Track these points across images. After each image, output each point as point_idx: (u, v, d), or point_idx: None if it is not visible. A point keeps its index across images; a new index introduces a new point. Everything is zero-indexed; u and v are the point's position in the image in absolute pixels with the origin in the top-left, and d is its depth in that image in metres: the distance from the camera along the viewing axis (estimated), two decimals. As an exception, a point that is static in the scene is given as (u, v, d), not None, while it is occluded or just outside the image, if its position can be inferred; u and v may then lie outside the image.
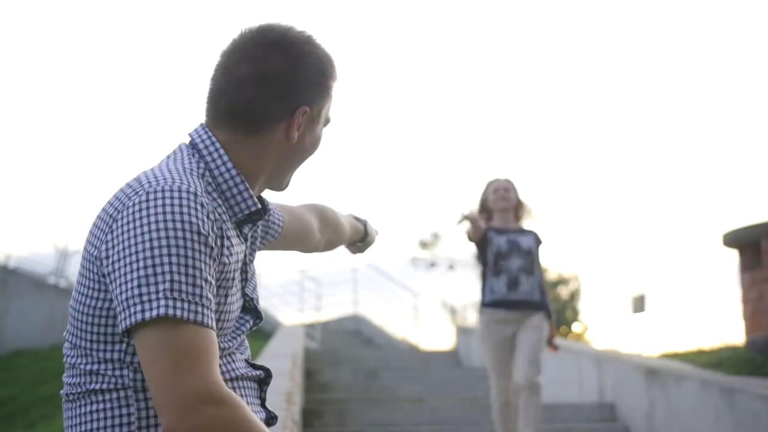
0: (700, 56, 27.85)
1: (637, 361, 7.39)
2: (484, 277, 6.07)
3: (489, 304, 5.99)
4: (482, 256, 6.08)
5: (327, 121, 1.86)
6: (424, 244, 20.25)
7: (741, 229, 6.88)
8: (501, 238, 6.02)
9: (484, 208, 6.25)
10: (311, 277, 18.31)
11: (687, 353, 8.20)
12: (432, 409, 7.24)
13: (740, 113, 27.99)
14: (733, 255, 7.16)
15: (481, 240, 6.01)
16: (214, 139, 1.76)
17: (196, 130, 1.79)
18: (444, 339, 28.80)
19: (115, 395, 1.63)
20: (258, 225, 1.91)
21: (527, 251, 6.04)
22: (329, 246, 2.38)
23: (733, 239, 6.98)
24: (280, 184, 1.87)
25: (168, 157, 1.77)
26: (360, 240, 2.48)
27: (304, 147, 1.82)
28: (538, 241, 6.21)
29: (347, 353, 11.87)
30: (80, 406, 1.66)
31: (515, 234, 6.11)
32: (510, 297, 5.94)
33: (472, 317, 20.05)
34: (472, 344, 12.00)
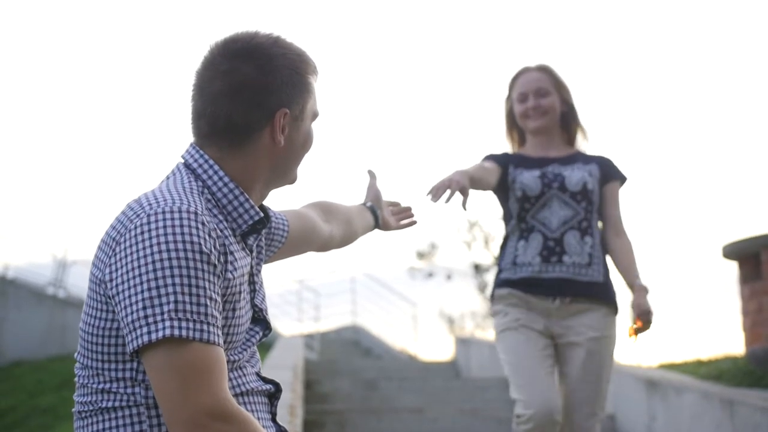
0: (697, 63, 27.94)
1: (637, 373, 7.39)
2: (504, 241, 3.71)
3: (507, 283, 3.61)
4: (504, 208, 3.73)
5: (315, 115, 1.87)
6: (421, 255, 20.24)
7: (740, 241, 6.89)
8: (530, 174, 3.61)
9: (512, 123, 3.82)
10: (309, 287, 18.33)
11: (686, 364, 8.21)
12: (432, 420, 7.24)
13: (740, 125, 28.07)
14: (733, 267, 7.18)
15: (500, 183, 3.65)
16: (206, 156, 1.78)
17: (187, 150, 1.81)
18: (443, 349, 28.80)
19: (127, 412, 1.65)
20: (262, 234, 1.93)
21: (580, 192, 3.59)
22: (347, 238, 2.35)
23: (732, 251, 6.99)
24: (284, 183, 1.88)
25: (167, 177, 1.80)
26: (376, 225, 2.43)
27: (295, 147, 1.83)
28: (607, 175, 3.68)
29: (346, 364, 11.86)
30: (93, 424, 1.68)
31: (559, 164, 3.66)
32: (546, 273, 3.56)
33: (470, 327, 20.05)
34: (471, 354, 12.01)
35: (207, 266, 1.60)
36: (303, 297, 18.20)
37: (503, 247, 3.71)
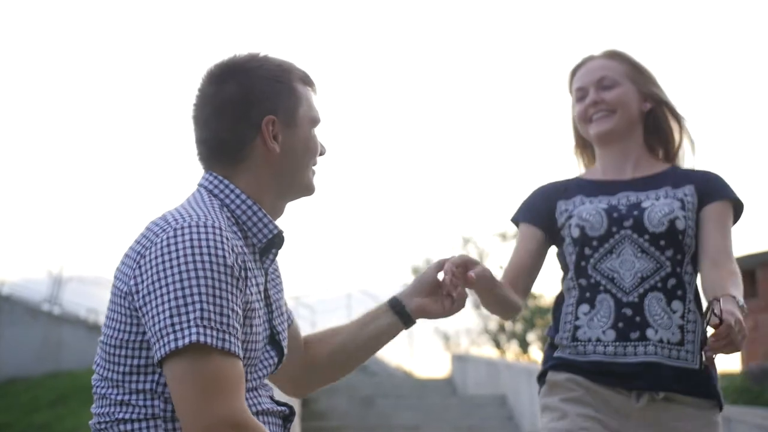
0: (694, 72, 28.06)
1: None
2: (558, 301, 2.59)
3: (567, 367, 2.45)
4: (560, 256, 2.59)
5: (313, 121, 1.90)
6: (416, 270, 20.26)
7: (736, 259, 6.92)
8: (592, 205, 2.50)
9: (580, 134, 2.67)
10: (305, 303, 18.37)
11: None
12: (429, 438, 7.24)
13: (736, 142, 28.18)
14: (729, 284, 7.20)
15: (550, 234, 2.57)
16: (221, 177, 1.84)
17: (203, 176, 1.87)
18: (438, 366, 28.77)
19: (144, 424, 1.68)
20: (277, 262, 1.95)
21: (664, 233, 2.43)
22: (337, 355, 2.12)
23: (728, 268, 7.01)
24: (298, 192, 1.91)
25: (188, 199, 1.85)
26: (404, 321, 2.11)
27: (295, 153, 1.86)
28: (706, 195, 2.50)
29: (342, 380, 11.77)
30: (111, 436, 1.71)
31: (635, 189, 2.52)
32: (625, 357, 2.39)
33: (465, 344, 20.05)
34: (467, 371, 12.00)
35: (231, 279, 1.66)
36: (299, 314, 18.23)
37: (556, 309, 2.57)
